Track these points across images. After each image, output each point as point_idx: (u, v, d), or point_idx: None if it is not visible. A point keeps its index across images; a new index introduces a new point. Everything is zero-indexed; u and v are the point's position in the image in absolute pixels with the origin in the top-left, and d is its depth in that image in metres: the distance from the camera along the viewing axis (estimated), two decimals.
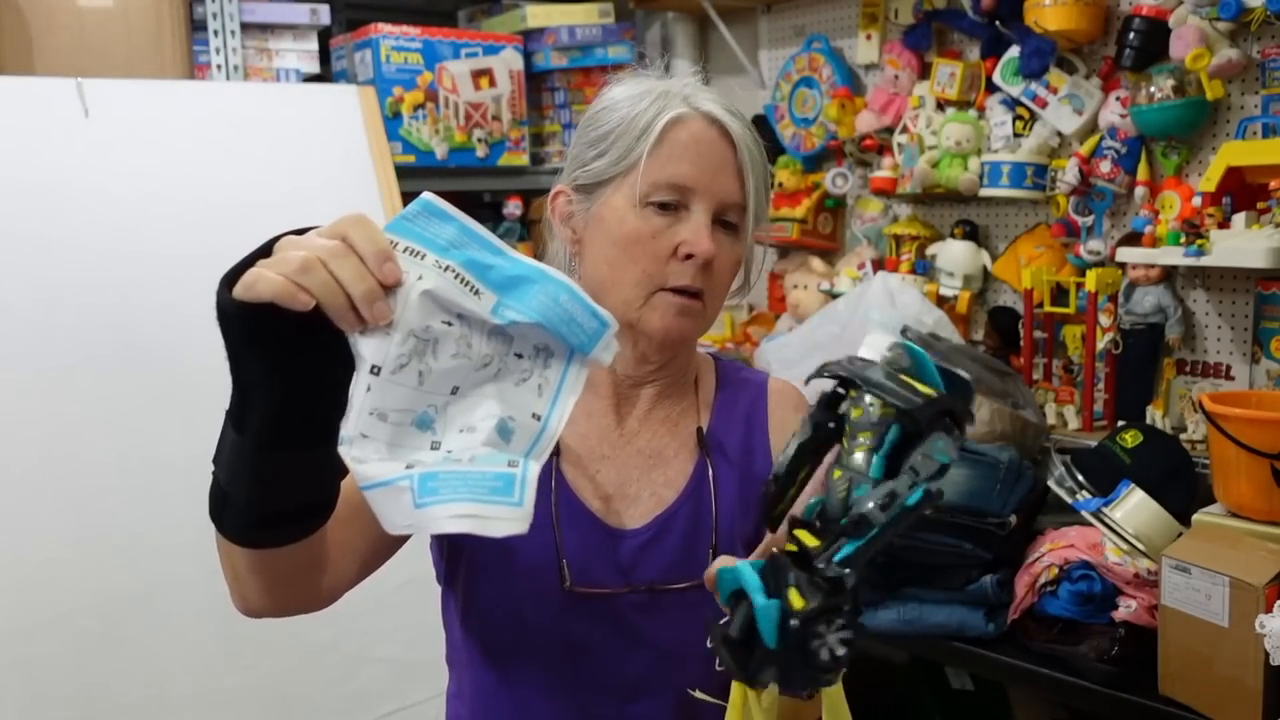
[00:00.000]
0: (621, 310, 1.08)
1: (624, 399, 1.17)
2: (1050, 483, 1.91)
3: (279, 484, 0.85)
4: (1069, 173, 2.17)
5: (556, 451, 1.13)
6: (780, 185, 2.74)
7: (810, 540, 0.76)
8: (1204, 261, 1.89)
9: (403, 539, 1.05)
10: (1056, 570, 1.71)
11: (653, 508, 1.14)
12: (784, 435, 1.19)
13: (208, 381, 2.19)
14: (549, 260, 1.19)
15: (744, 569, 0.77)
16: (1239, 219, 1.87)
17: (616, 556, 1.11)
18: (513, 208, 2.84)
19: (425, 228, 0.78)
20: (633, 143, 1.09)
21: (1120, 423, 2.04)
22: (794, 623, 0.72)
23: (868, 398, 0.77)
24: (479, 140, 2.73)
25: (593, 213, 1.11)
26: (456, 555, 1.15)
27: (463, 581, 1.14)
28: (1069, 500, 1.85)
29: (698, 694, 0.98)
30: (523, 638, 1.11)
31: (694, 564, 1.10)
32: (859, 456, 0.76)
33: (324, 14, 2.71)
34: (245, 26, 2.61)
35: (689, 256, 1.07)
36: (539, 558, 1.09)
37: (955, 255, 2.39)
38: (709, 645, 0.78)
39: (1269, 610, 1.43)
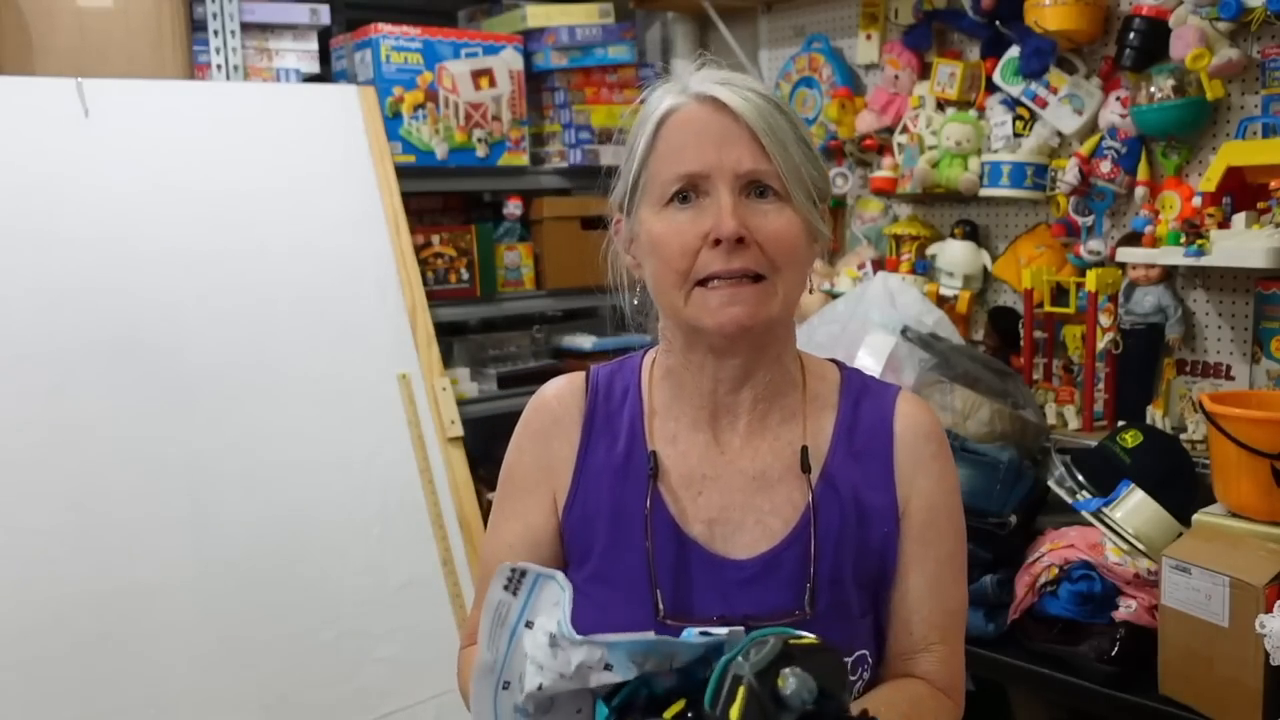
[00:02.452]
0: (675, 315, 1.06)
1: (722, 408, 1.11)
2: (1050, 483, 1.91)
3: None
4: (1069, 173, 2.17)
5: (655, 473, 1.10)
6: None
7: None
8: (1204, 261, 1.89)
9: None
10: (1056, 570, 1.71)
11: (759, 538, 1.09)
12: (912, 472, 1.11)
13: (208, 380, 2.22)
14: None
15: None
16: (1239, 219, 1.87)
17: (718, 586, 1.08)
18: (513, 208, 2.84)
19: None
20: (636, 151, 1.08)
21: (1120, 423, 2.04)
22: None
23: None
24: (479, 140, 2.73)
25: (636, 234, 1.09)
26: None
27: None
28: (1069, 500, 1.85)
29: None
30: None
31: (794, 602, 1.07)
32: None
33: (324, 14, 2.70)
34: (245, 26, 2.61)
35: (717, 242, 1.02)
36: (634, 586, 1.07)
37: (955, 255, 2.39)
38: None
39: (1269, 610, 1.43)
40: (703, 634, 0.79)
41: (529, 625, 0.80)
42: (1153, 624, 1.62)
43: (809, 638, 0.77)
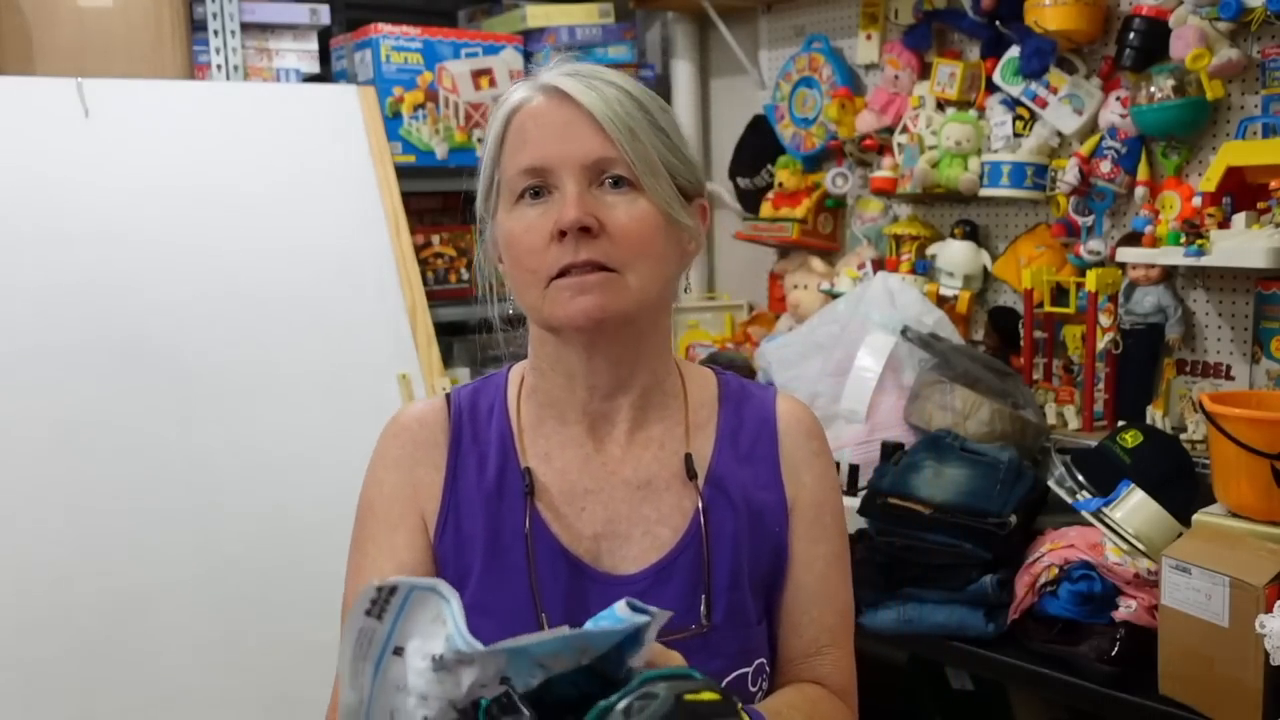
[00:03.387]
0: (536, 318, 1.03)
1: (599, 418, 1.07)
2: (1050, 483, 1.91)
3: None
4: (1069, 173, 2.17)
5: (531, 490, 1.05)
6: (780, 185, 2.74)
7: None
8: (1204, 261, 1.89)
9: None
10: (1056, 570, 1.71)
11: (647, 550, 1.05)
12: (797, 469, 1.11)
13: (207, 380, 2.22)
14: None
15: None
16: (1239, 219, 1.87)
17: (604, 605, 1.03)
18: None
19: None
20: (488, 150, 1.05)
21: (1120, 423, 2.04)
22: None
23: None
24: (479, 140, 2.73)
25: (495, 237, 1.06)
26: None
27: None
28: (1069, 500, 1.85)
29: None
30: None
31: (689, 614, 1.03)
32: None
33: (324, 14, 2.71)
34: (245, 26, 2.61)
35: (564, 235, 0.97)
36: (517, 614, 1.01)
37: (955, 255, 2.39)
38: None
39: (1269, 610, 1.43)
40: (632, 605, 0.71)
41: (397, 652, 0.70)
42: (1153, 624, 1.62)
43: (708, 692, 0.68)
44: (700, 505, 1.06)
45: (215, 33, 2.57)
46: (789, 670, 1.11)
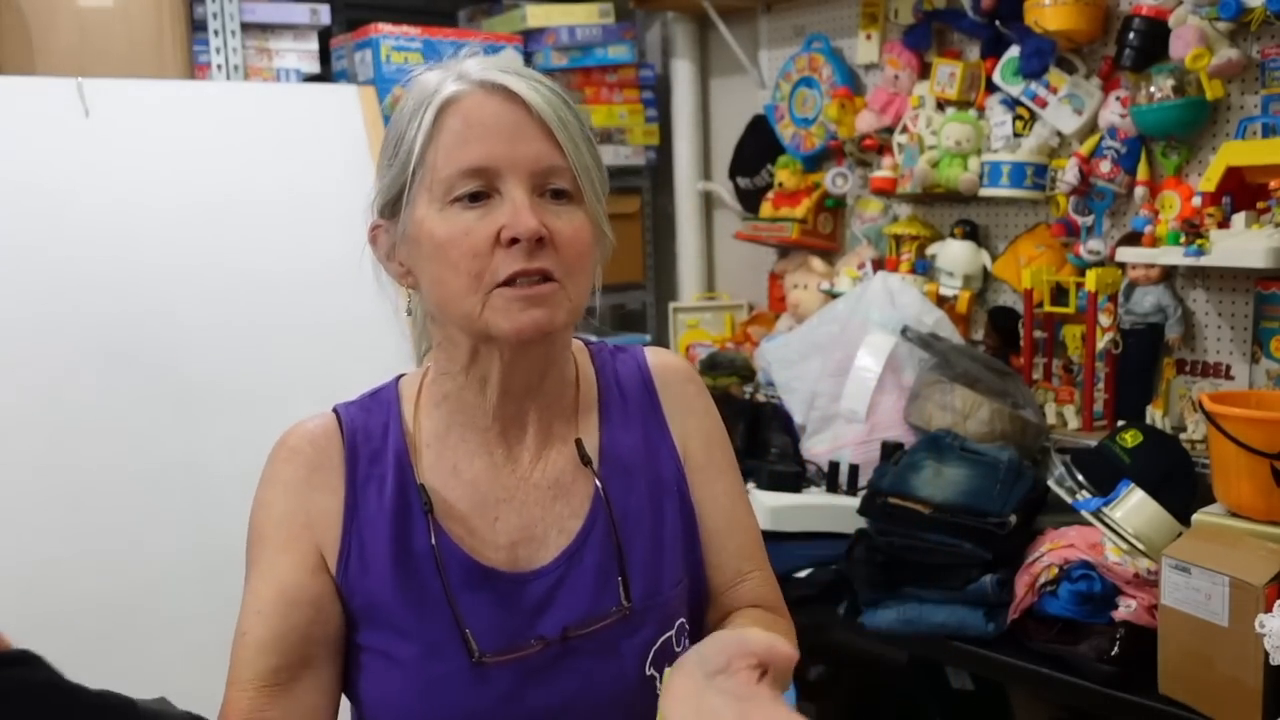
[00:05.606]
0: (468, 324, 0.97)
1: (510, 422, 1.05)
2: (1050, 483, 1.91)
3: None
4: (1069, 173, 2.17)
5: (430, 508, 1.01)
6: (780, 185, 2.74)
7: None
8: (1204, 261, 1.89)
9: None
10: (1056, 570, 1.71)
11: (560, 545, 1.03)
12: (682, 415, 1.12)
13: (207, 382, 2.21)
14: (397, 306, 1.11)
15: None
16: (1239, 219, 1.87)
17: (527, 605, 1.01)
18: None
19: None
20: (412, 141, 0.96)
21: (1120, 422, 2.04)
22: None
23: None
24: None
25: (406, 235, 0.99)
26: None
27: (352, 688, 1.05)
28: (1069, 500, 1.85)
29: None
30: None
31: (607, 596, 1.02)
32: None
33: (324, 14, 2.71)
34: (245, 26, 2.61)
35: (514, 241, 0.93)
36: (439, 636, 0.99)
37: (955, 255, 2.39)
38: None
39: (1269, 610, 1.43)
40: None
41: None
42: (1153, 624, 1.62)
43: None
44: (599, 486, 1.04)
45: (215, 33, 2.57)
46: (720, 602, 1.12)
